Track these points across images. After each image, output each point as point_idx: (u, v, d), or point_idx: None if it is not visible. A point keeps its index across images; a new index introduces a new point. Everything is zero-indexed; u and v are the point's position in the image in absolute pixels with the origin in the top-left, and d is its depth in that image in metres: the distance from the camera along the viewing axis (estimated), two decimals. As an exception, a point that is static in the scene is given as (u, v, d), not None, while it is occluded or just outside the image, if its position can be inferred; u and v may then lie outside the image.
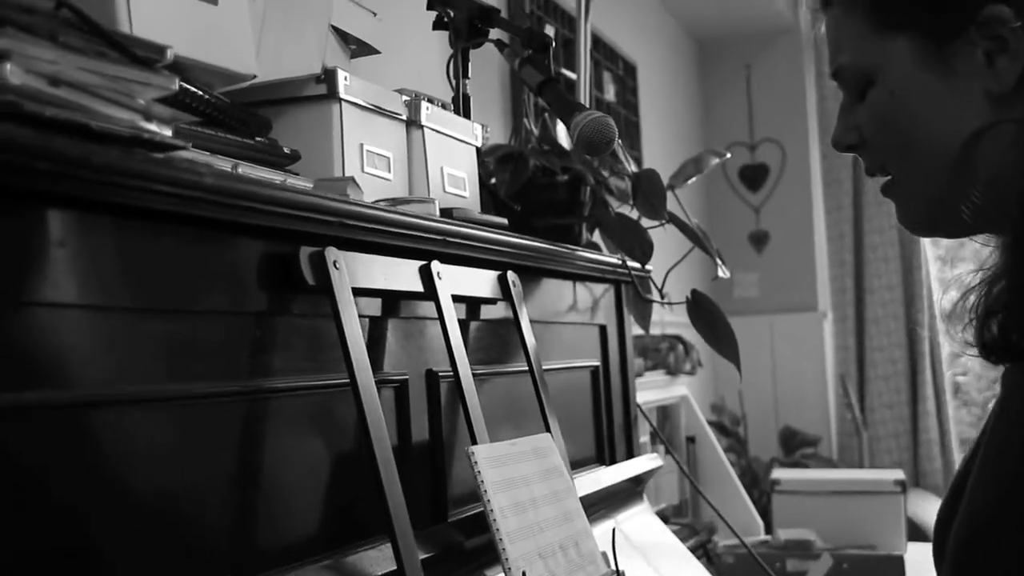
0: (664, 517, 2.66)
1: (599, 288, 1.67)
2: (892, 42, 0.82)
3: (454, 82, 1.55)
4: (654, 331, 2.67)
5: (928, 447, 4.17)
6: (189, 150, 0.76)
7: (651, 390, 2.65)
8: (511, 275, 1.27)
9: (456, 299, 1.16)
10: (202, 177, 0.75)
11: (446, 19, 1.56)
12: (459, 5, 1.54)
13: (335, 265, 0.92)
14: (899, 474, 2.57)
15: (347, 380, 0.91)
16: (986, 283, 0.85)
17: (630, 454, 1.72)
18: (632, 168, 1.68)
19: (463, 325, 1.24)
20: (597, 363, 1.63)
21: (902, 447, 4.20)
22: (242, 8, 0.96)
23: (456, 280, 1.15)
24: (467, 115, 1.53)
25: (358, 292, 0.97)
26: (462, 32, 1.53)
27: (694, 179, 2.09)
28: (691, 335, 2.42)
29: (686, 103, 4.40)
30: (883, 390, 4.22)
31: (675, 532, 2.53)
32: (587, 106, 1.33)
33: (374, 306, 1.04)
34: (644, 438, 2.64)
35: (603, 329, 1.66)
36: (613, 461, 1.65)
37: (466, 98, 1.54)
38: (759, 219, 4.76)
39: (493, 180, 1.61)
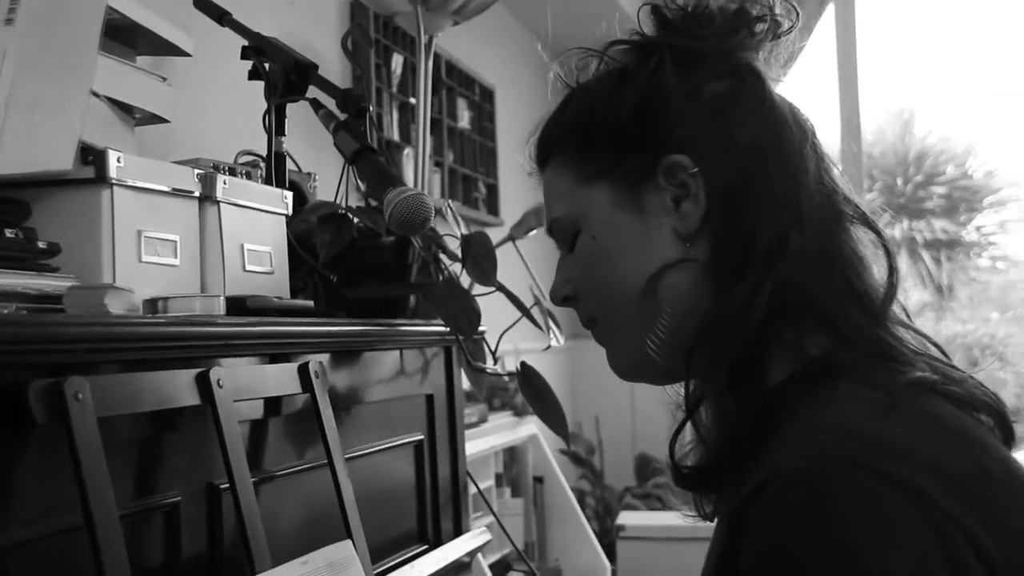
0: (508, 564, 2.61)
1: (429, 352, 1.59)
2: (594, 190, 0.88)
3: (268, 140, 1.44)
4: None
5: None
6: None
7: (498, 433, 2.58)
8: (314, 365, 1.17)
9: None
10: None
11: (261, 71, 1.45)
12: (274, 57, 1.43)
13: (76, 397, 0.80)
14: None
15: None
16: (674, 438, 0.89)
17: (458, 527, 1.65)
18: (462, 230, 1.60)
19: (261, 425, 1.14)
20: (422, 436, 1.55)
21: (754, 471, 4.25)
22: (-24, 94, 0.84)
23: (244, 383, 1.05)
24: (280, 178, 1.42)
25: (116, 419, 0.86)
26: (277, 86, 1.42)
27: (535, 231, 2.04)
28: (541, 368, 2.37)
29: (549, 124, 4.36)
30: (736, 415, 4.26)
31: (516, 582, 2.48)
32: (403, 181, 1.24)
33: (143, 426, 0.93)
34: (490, 482, 2.58)
35: (430, 399, 1.58)
36: (438, 537, 1.57)
37: (280, 158, 1.44)
38: (620, 240, 4.75)
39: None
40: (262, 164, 1.57)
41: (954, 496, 0.65)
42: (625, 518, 2.64)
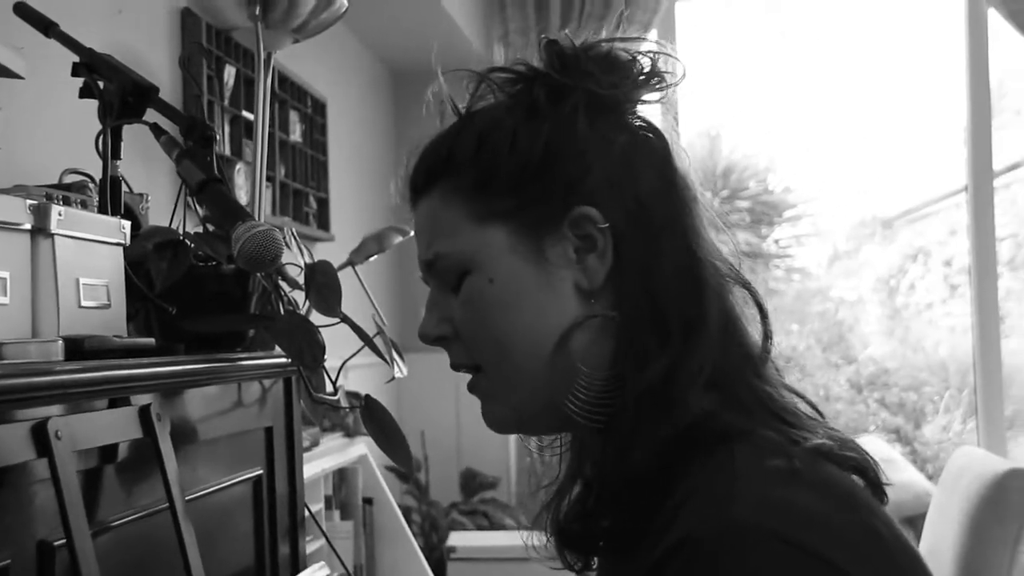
0: (337, 588, 2.57)
1: (267, 382, 1.55)
2: (490, 231, 0.84)
3: (103, 164, 1.36)
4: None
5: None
6: None
7: (329, 456, 2.53)
8: (155, 407, 1.12)
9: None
10: None
11: (94, 89, 1.37)
12: (109, 76, 1.36)
13: (-96, 463, 0.74)
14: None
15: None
16: (558, 493, 0.90)
17: (295, 561, 1.61)
18: (305, 258, 1.57)
19: (98, 472, 1.08)
20: (261, 470, 1.50)
21: (576, 483, 4.34)
22: None
23: (83, 431, 0.99)
24: (115, 204, 1.35)
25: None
26: (113, 107, 1.35)
27: (376, 256, 2.02)
28: (368, 384, 2.34)
29: (379, 136, 4.32)
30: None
31: (346, 609, 2.44)
32: (252, 216, 1.20)
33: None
34: (320, 505, 2.53)
35: (269, 431, 1.54)
36: (276, 572, 1.53)
37: (115, 183, 1.36)
38: (448, 254, 4.76)
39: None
40: (91, 186, 1.49)
41: (859, 563, 0.66)
42: (455, 539, 2.64)
